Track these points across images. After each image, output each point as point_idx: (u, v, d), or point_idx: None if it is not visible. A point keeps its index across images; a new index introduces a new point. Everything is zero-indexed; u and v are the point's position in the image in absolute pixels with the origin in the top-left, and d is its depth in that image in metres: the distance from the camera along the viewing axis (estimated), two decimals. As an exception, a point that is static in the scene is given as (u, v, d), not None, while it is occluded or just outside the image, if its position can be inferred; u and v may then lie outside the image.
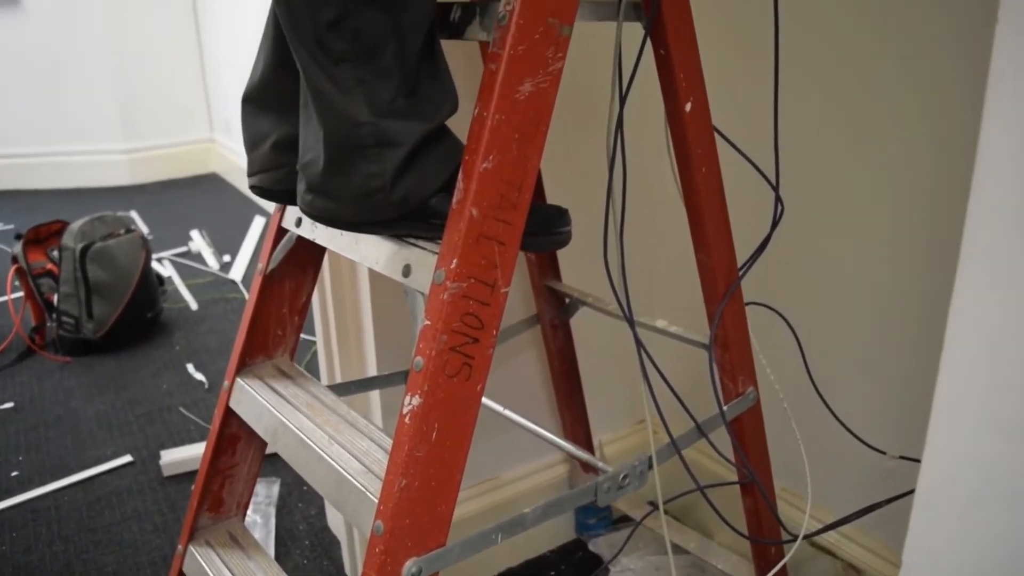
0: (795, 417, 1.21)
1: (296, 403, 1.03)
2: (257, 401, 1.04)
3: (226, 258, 3.33)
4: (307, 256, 1.12)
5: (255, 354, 1.12)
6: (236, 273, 3.14)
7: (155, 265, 3.13)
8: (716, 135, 1.01)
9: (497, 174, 0.79)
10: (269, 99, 0.97)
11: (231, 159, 4.42)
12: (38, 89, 4.36)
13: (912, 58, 1.18)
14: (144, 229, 3.68)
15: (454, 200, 0.79)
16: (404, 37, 0.80)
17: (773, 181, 1.05)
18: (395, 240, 0.88)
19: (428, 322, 0.78)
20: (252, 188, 1.01)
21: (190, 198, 4.33)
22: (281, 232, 1.09)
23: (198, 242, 3.47)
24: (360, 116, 0.79)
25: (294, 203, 0.94)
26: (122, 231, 2.66)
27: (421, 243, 0.86)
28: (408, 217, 0.84)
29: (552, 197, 1.33)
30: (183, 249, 3.44)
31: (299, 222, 1.04)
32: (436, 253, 0.81)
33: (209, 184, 4.61)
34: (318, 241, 1.00)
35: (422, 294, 0.84)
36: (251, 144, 0.99)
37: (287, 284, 1.13)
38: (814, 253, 1.37)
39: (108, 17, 4.33)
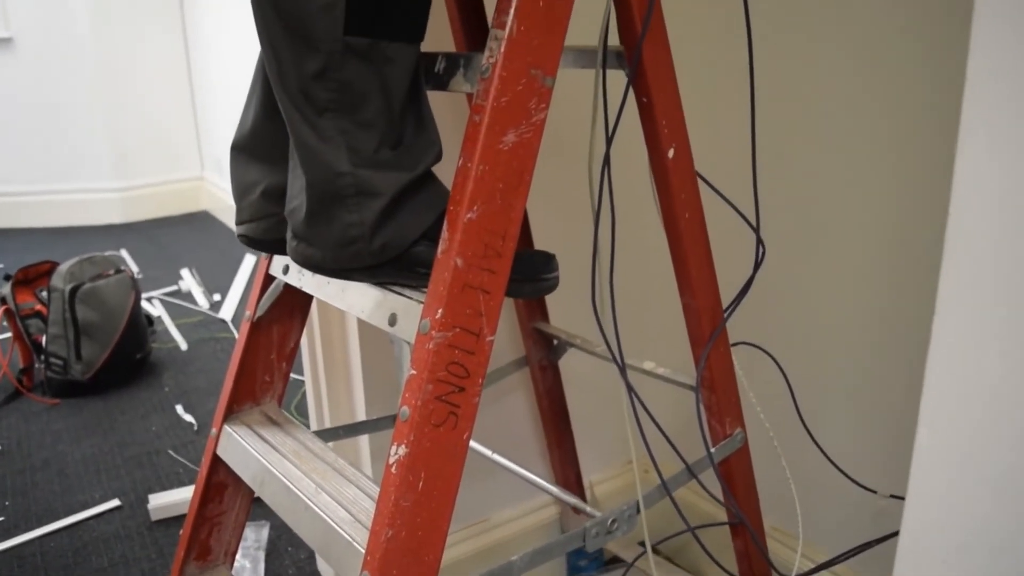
0: (785, 455, 1.22)
1: (283, 451, 1.02)
2: (244, 449, 1.04)
3: (216, 297, 3.33)
4: (295, 302, 1.12)
5: (243, 401, 1.12)
6: (226, 312, 3.14)
7: (145, 305, 3.13)
8: (698, 179, 1.03)
9: (481, 224, 0.80)
10: (258, 148, 0.98)
11: (221, 197, 4.43)
12: (29, 128, 4.38)
13: (893, 101, 1.19)
14: (134, 268, 3.67)
15: (439, 250, 0.80)
16: (389, 89, 0.81)
17: (755, 223, 1.06)
18: (381, 288, 0.88)
19: (414, 372, 0.78)
20: (240, 237, 1.01)
21: (181, 236, 4.33)
22: (269, 279, 1.09)
23: (188, 281, 3.47)
24: (341, 166, 0.80)
25: (282, 252, 0.95)
26: (111, 272, 2.66)
27: (407, 292, 0.86)
28: (390, 265, 0.85)
29: (540, 236, 1.34)
30: (173, 288, 3.43)
31: (286, 269, 1.04)
32: (421, 303, 0.81)
33: (200, 222, 4.62)
34: (305, 289, 1.00)
35: (408, 343, 0.84)
36: (240, 193, 1.00)
37: (275, 330, 1.13)
38: (800, 291, 1.38)
39: (99, 55, 4.36)
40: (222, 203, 4.41)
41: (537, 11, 0.80)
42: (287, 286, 1.07)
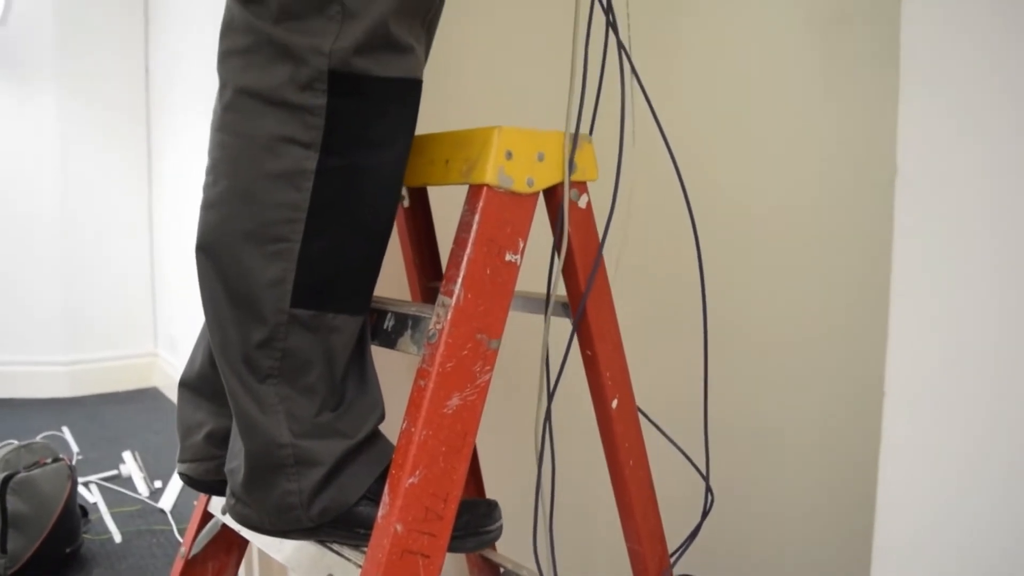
0: None
1: None
2: None
3: (157, 484, 3.21)
4: (232, 538, 1.09)
5: (170, 644, 1.07)
6: (166, 502, 3.02)
7: (81, 490, 3.00)
8: (648, 424, 1.05)
9: (423, 488, 0.80)
10: (206, 389, 0.99)
11: (173, 375, 4.36)
12: (-17, 296, 4.34)
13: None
14: (74, 449, 3.56)
15: (379, 514, 0.79)
16: (332, 357, 0.83)
17: (704, 471, 1.08)
18: (319, 546, 0.87)
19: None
20: (181, 475, 1.00)
21: (127, 415, 4.22)
22: (207, 515, 1.07)
23: (130, 465, 3.36)
24: (281, 437, 0.81)
25: (222, 494, 0.93)
26: (49, 460, 2.57)
27: (346, 551, 0.85)
28: (330, 525, 0.84)
29: (488, 459, 1.34)
30: (113, 473, 3.31)
31: (225, 509, 1.02)
32: (359, 566, 0.80)
33: (149, 400, 4.53)
34: (243, 534, 0.98)
35: (344, 607, 0.82)
36: (184, 432, 0.99)
37: (210, 567, 1.09)
38: (749, 531, 1.38)
39: (63, 226, 4.40)
40: (173, 381, 4.34)
41: (484, 279, 0.84)
42: (225, 524, 1.04)
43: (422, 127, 0.94)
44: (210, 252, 0.84)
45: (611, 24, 0.95)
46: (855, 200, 1.23)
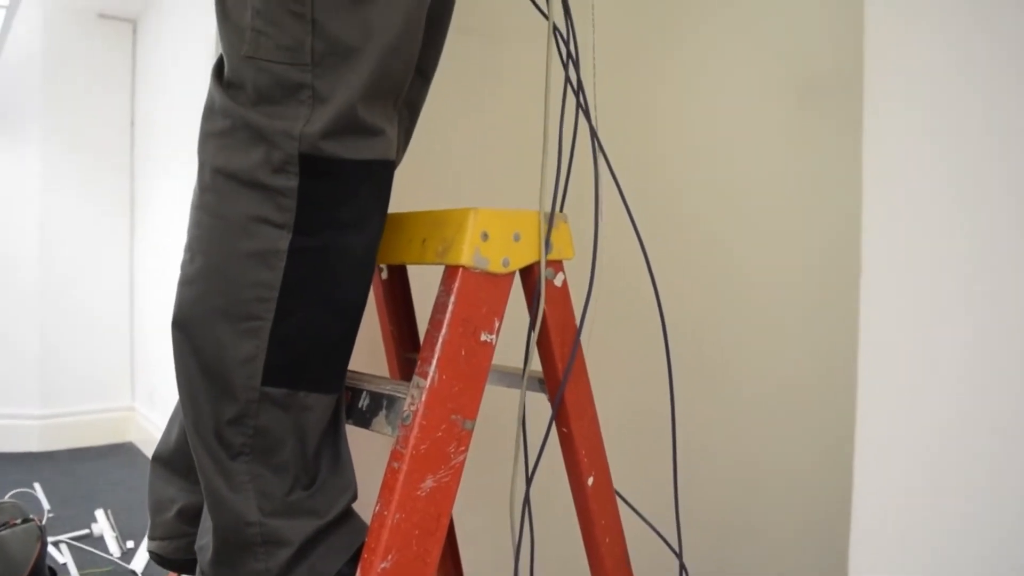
0: None
1: None
2: None
3: (129, 544, 3.15)
4: (202, 616, 1.07)
5: None
6: (138, 563, 2.96)
7: (52, 550, 2.94)
8: (622, 504, 1.05)
9: (396, 572, 0.79)
10: (179, 464, 0.98)
11: (149, 430, 4.31)
12: (-41, 349, 4.29)
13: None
14: (46, 507, 3.49)
15: (351, 601, 0.79)
16: (305, 435, 0.83)
17: (677, 547, 1.07)
18: (289, 630, 0.85)
19: None
20: (151, 554, 0.99)
21: (101, 471, 4.16)
22: (177, 592, 1.05)
23: (102, 523, 3.29)
24: (249, 516, 0.80)
25: (193, 573, 0.92)
26: (19, 520, 2.52)
27: (316, 635, 0.84)
28: (301, 605, 0.83)
29: (466, 536, 1.33)
30: (84, 532, 3.24)
31: (195, 587, 1.00)
32: (329, 652, 0.79)
33: (124, 455, 4.46)
34: (213, 614, 0.96)
35: None
36: (155, 509, 0.99)
37: (178, 646, 1.07)
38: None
39: (41, 275, 4.38)
40: (149, 436, 4.29)
41: (459, 361, 0.84)
42: (195, 601, 1.03)
43: (402, 205, 0.96)
44: (185, 328, 0.84)
45: (582, 108, 0.97)
46: (826, 258, 1.25)
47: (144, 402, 4.53)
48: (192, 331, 0.84)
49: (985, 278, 0.54)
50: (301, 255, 0.82)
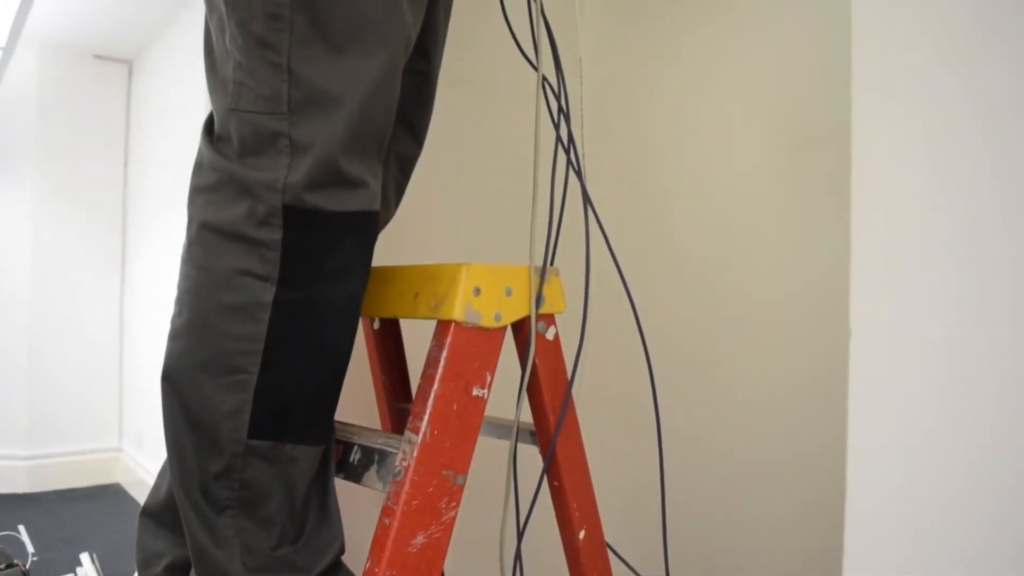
0: None
1: None
2: None
3: (115, 589, 3.10)
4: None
5: None
6: (124, 609, 2.91)
7: (35, 596, 2.89)
8: (614, 558, 1.04)
9: (386, 632, 0.79)
10: (168, 518, 0.97)
11: (137, 472, 4.27)
12: (-60, 388, 4.26)
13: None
14: (30, 550, 3.43)
15: (340, 661, 0.78)
16: (292, 488, 0.83)
17: (667, 600, 1.07)
18: None
19: None
20: (137, 608, 0.97)
21: (87, 513, 4.11)
22: (163, 648, 1.03)
23: (87, 568, 3.24)
24: (233, 571, 0.80)
25: (180, 628, 0.91)
26: (2, 565, 2.49)
27: None
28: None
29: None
30: (69, 576, 3.20)
31: (183, 643, 0.99)
32: None
33: (111, 497, 4.41)
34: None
35: None
36: (143, 563, 0.98)
37: None
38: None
39: (30, 317, 4.36)
40: (136, 477, 4.25)
41: (451, 416, 0.85)
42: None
43: (394, 258, 0.97)
44: (173, 381, 0.85)
45: (572, 166, 0.98)
46: (817, 297, 1.27)
47: (132, 443, 4.49)
48: (179, 385, 0.84)
49: (966, 285, 0.56)
50: (286, 307, 0.83)
